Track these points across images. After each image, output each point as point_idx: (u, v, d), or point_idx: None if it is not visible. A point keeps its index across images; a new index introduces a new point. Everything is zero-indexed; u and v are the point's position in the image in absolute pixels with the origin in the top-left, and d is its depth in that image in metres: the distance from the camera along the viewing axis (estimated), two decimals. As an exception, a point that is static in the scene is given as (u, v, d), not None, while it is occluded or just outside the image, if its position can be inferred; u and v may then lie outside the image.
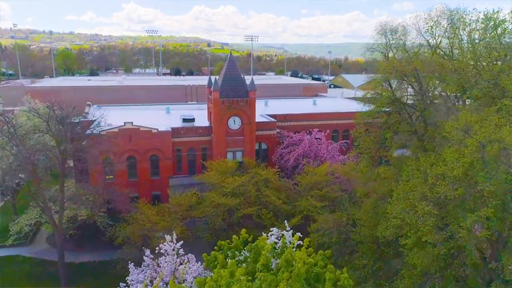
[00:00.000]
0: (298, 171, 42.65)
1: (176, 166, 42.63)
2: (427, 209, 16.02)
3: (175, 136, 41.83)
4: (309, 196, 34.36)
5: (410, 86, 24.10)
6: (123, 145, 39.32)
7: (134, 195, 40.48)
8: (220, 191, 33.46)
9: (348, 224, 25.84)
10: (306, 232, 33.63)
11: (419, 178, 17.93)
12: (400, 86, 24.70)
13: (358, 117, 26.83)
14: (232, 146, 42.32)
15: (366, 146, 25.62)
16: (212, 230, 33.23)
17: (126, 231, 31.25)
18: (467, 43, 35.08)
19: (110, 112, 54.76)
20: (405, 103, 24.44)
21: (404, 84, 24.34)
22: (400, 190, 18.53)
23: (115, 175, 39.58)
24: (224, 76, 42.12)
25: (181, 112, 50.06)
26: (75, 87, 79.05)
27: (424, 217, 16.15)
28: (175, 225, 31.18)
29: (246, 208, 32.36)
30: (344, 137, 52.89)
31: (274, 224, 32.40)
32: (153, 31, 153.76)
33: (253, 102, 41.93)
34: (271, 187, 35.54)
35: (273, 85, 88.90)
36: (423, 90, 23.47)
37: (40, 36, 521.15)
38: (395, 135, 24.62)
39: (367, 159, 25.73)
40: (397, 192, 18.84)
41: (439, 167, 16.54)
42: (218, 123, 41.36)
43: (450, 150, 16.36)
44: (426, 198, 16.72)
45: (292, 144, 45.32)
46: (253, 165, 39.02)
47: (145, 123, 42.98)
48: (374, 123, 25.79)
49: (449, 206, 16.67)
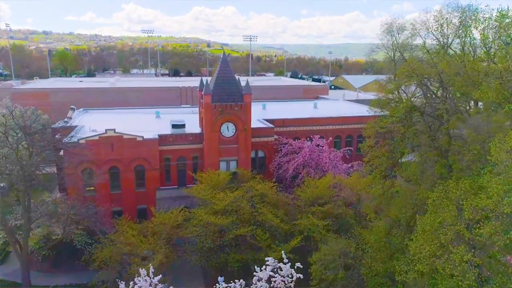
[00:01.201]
0: (298, 181, 38.97)
1: (165, 177, 38.90)
2: (467, 257, 12.32)
3: (163, 144, 38.11)
4: (310, 213, 30.65)
5: (432, 93, 20.41)
6: (104, 154, 35.64)
7: (118, 209, 36.90)
8: (210, 208, 29.75)
9: (357, 254, 22.03)
10: (307, 253, 29.98)
11: (451, 210, 14.22)
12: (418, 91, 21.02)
13: (369, 127, 22.98)
14: (226, 155, 38.57)
15: (378, 163, 21.85)
16: (201, 251, 29.49)
17: (103, 255, 27.56)
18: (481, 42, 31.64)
19: (97, 116, 51.44)
20: (424, 112, 20.67)
21: (424, 89, 20.65)
22: (426, 224, 14.80)
23: (96, 188, 35.86)
24: (217, 78, 38.38)
25: (172, 117, 46.43)
26: (64, 89, 75.61)
27: (462, 266, 12.46)
28: (159, 248, 27.51)
29: (239, 228, 28.62)
30: (348, 144, 49.26)
31: (270, 246, 28.68)
32: (149, 31, 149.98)
33: (248, 106, 38.19)
34: (267, 201, 31.84)
35: (272, 87, 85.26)
36: (448, 97, 19.72)
37: (40, 37, 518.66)
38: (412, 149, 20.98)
39: (379, 176, 21.97)
40: (421, 225, 15.10)
41: (480, 199, 12.86)
42: (209, 130, 37.63)
43: (495, 180, 12.65)
44: (462, 240, 13.05)
45: (291, 152, 41.59)
46: (248, 176, 35.28)
47: (132, 129, 39.35)
48: (387, 135, 22.09)
49: (494, 251, 13.02)
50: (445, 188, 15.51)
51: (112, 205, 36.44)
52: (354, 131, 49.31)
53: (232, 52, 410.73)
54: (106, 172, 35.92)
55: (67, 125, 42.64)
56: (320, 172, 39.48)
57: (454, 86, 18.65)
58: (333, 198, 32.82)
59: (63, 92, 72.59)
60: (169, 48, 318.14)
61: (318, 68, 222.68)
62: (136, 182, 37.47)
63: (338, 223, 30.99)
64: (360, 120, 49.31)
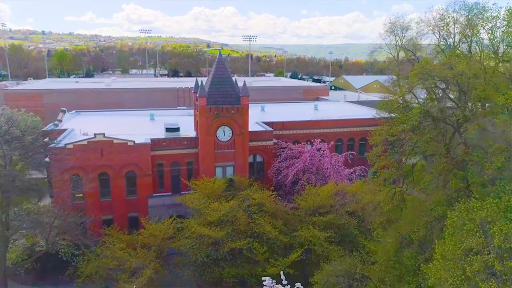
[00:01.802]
0: (298, 187, 37.01)
1: (158, 183, 36.92)
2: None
3: (155, 148, 36.14)
4: (311, 223, 28.72)
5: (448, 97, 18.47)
6: (93, 160, 33.69)
7: (108, 218, 34.98)
8: (204, 219, 27.80)
9: (363, 274, 20.04)
10: (308, 268, 28.08)
11: (476, 235, 12.25)
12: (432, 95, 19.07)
13: (376, 135, 20.90)
14: (222, 160, 36.59)
15: (387, 175, 19.84)
16: (194, 265, 27.53)
17: (88, 270, 25.64)
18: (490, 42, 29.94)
19: (89, 119, 49.47)
20: (437, 117, 18.67)
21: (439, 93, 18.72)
22: (448, 251, 12.79)
23: (85, 195, 33.90)
24: (212, 79, 36.40)
25: (167, 119, 44.50)
26: (58, 90, 73.49)
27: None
28: (148, 262, 25.58)
29: (235, 240, 26.65)
30: (349, 147, 47.33)
31: (268, 259, 26.74)
32: (146, 31, 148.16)
33: (245, 109, 36.20)
34: (265, 210, 29.89)
35: (271, 88, 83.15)
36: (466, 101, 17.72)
37: (39, 37, 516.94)
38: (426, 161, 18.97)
39: (387, 189, 19.95)
40: (441, 251, 13.11)
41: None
42: (205, 134, 35.66)
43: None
44: (492, 272, 11.13)
45: (291, 157, 39.62)
46: (245, 184, 33.31)
47: (125, 132, 37.47)
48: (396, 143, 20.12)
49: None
50: (467, 207, 13.58)
51: (102, 213, 34.53)
52: (356, 134, 47.46)
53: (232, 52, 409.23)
54: (95, 178, 33.99)
55: (56, 128, 40.73)
56: (321, 178, 37.57)
57: (475, 89, 16.65)
58: (335, 207, 30.90)
59: (57, 93, 70.56)
60: (168, 48, 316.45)
61: (318, 68, 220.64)
62: (127, 189, 35.49)
63: (340, 234, 29.05)
64: (363, 123, 47.47)
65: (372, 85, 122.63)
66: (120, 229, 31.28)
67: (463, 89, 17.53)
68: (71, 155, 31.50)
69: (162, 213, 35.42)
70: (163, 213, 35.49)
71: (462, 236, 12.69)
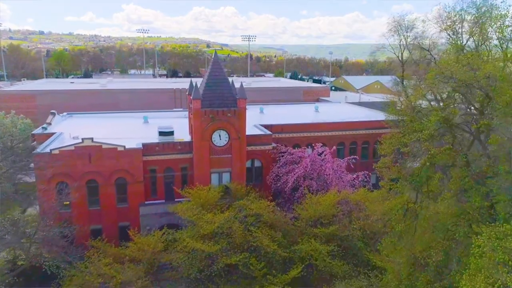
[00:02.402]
0: (299, 194, 35.04)
1: (150, 190, 34.91)
2: None
3: (148, 153, 34.16)
4: (312, 235, 26.77)
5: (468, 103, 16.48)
6: (81, 166, 31.72)
7: (96, 227, 33.03)
8: (197, 232, 25.83)
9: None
10: (308, 282, 26.12)
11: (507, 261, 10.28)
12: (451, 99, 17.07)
13: (386, 144, 18.78)
14: (218, 166, 34.58)
15: (399, 190, 17.86)
16: (186, 281, 25.58)
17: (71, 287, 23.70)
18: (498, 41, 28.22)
19: (81, 122, 47.45)
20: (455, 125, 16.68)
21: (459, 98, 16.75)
22: (478, 282, 10.73)
23: (72, 204, 31.93)
24: (208, 81, 34.42)
25: (162, 122, 42.56)
26: (52, 91, 71.60)
27: None
28: (136, 279, 23.62)
29: (230, 255, 24.67)
30: (351, 151, 45.37)
31: (267, 276, 24.78)
32: (144, 31, 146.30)
33: (242, 112, 34.21)
34: (263, 221, 27.91)
35: (270, 89, 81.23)
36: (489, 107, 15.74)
37: (39, 37, 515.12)
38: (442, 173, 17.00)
39: (401, 205, 17.93)
40: (465, 283, 11.16)
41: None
42: (199, 139, 33.68)
43: None
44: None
45: (291, 162, 37.65)
46: (242, 192, 31.32)
47: (117, 136, 35.56)
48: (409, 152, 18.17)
49: None
50: (496, 233, 11.62)
51: (90, 223, 32.58)
52: (359, 137, 45.56)
53: (232, 52, 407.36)
54: (83, 186, 32.02)
55: (44, 132, 38.77)
56: (322, 184, 35.62)
57: (504, 94, 14.63)
58: (338, 217, 28.96)
59: (51, 94, 68.67)
60: (168, 49, 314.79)
61: (318, 68, 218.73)
62: (118, 197, 33.47)
63: (343, 246, 27.09)
64: (366, 125, 45.59)
65: (373, 86, 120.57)
66: (110, 240, 29.49)
67: (489, 94, 15.50)
68: (57, 161, 29.48)
69: (154, 222, 33.52)
70: (155, 222, 33.58)
71: (494, 269, 10.75)
